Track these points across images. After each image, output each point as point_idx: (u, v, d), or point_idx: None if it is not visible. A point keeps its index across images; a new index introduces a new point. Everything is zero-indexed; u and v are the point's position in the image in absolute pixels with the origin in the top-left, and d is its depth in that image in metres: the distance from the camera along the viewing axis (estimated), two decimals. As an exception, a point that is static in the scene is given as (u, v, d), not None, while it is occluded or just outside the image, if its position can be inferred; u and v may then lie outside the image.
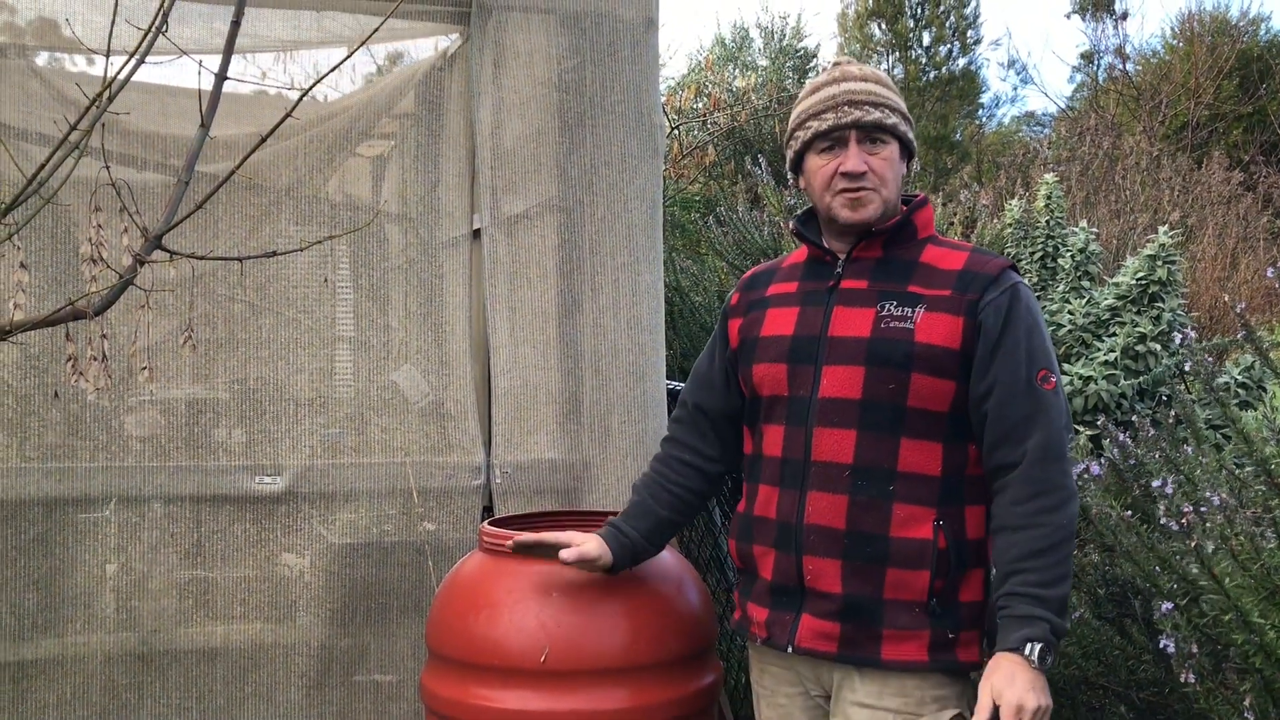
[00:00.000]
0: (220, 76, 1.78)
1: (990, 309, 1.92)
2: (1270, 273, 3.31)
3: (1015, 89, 27.87)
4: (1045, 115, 18.31)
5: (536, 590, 2.15)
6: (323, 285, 2.80)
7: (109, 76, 1.72)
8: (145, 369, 2.08)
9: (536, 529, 2.30)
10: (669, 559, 2.32)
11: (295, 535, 2.73)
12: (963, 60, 19.11)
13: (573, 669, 2.10)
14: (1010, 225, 5.48)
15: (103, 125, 1.74)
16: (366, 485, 2.78)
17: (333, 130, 2.90)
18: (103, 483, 2.63)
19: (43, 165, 1.74)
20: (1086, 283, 4.84)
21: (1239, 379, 4.14)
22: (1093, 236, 4.98)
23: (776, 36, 16.24)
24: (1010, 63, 27.34)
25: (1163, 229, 4.50)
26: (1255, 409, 3.78)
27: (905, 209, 2.04)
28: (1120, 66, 16.13)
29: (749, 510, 2.07)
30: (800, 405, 1.99)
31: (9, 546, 2.58)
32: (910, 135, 2.03)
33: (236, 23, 1.80)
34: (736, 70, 14.24)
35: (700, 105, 10.99)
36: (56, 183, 1.77)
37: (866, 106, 1.97)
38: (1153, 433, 2.55)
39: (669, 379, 3.09)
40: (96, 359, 1.91)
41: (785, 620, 1.99)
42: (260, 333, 2.75)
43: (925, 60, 18.93)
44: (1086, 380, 4.19)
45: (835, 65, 2.07)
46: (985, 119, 19.79)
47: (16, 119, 2.63)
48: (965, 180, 10.86)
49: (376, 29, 1.99)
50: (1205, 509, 2.11)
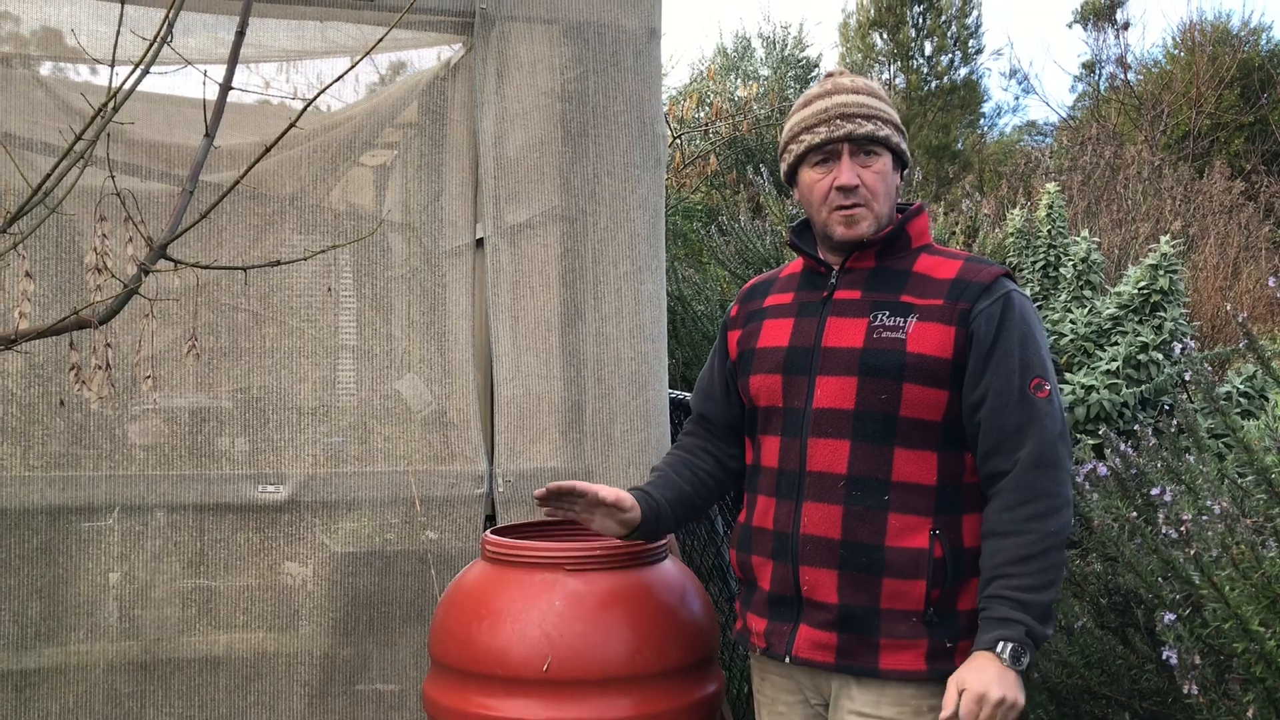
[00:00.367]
0: (225, 86, 1.79)
1: (982, 318, 1.92)
2: (1272, 282, 3.31)
3: (1017, 98, 27.90)
4: (1047, 125, 18.35)
5: (539, 599, 2.15)
6: (326, 294, 2.81)
7: (114, 86, 1.73)
8: (149, 378, 2.08)
9: (539, 538, 2.30)
10: (671, 568, 2.32)
11: (298, 544, 2.73)
12: (964, 70, 19.16)
13: (576, 678, 2.10)
14: (1012, 235, 5.49)
15: (108, 135, 1.74)
16: (369, 494, 2.78)
17: (336, 140, 2.91)
18: (106, 491, 2.64)
19: (48, 175, 1.75)
20: (1088, 292, 4.84)
21: (1241, 388, 4.14)
22: (1094, 246, 4.98)
23: (778, 46, 16.27)
24: (1012, 72, 27.38)
25: (1164, 238, 4.50)
26: (1257, 418, 3.78)
27: (900, 217, 2.05)
28: (1122, 76, 16.17)
29: (748, 521, 2.09)
30: (795, 416, 2.00)
31: (12, 555, 2.59)
32: (903, 146, 2.04)
33: (241, 33, 1.81)
34: (738, 79, 14.28)
35: (702, 115, 11.01)
36: (61, 192, 1.78)
37: (859, 119, 1.97)
38: (1154, 442, 2.55)
39: (671, 388, 3.10)
40: (100, 368, 1.92)
41: (783, 630, 2.00)
42: (263, 342, 2.76)
43: (927, 70, 18.96)
44: (1088, 389, 4.19)
45: (828, 77, 2.08)
46: (987, 128, 19.84)
47: (22, 128, 2.64)
48: (967, 190, 10.86)
49: (380, 39, 2.00)
50: (1206, 518, 2.11)
